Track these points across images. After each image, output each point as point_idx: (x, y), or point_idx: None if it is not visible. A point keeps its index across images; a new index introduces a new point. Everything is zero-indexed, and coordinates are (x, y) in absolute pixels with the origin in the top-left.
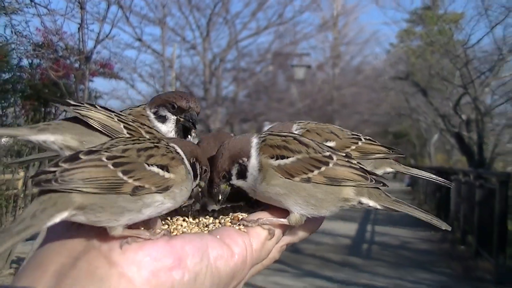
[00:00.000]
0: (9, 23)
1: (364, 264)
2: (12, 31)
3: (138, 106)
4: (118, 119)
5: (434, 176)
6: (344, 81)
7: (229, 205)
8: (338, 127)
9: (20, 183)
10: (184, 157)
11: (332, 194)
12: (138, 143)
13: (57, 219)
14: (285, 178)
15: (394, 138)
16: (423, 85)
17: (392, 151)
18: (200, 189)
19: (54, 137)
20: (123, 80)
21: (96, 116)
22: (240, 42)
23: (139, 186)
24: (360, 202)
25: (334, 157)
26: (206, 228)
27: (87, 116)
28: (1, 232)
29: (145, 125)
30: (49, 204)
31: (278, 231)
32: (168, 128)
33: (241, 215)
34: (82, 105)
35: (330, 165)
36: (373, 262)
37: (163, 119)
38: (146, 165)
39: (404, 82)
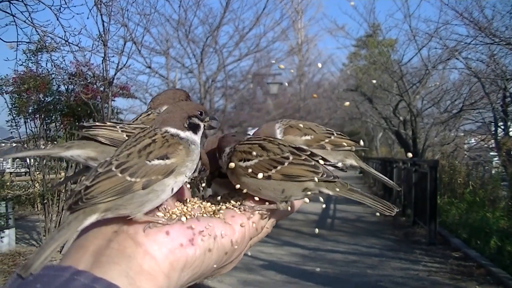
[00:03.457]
0: (50, 59)
1: (329, 234)
2: (52, 65)
3: (147, 113)
4: (121, 131)
5: (387, 179)
6: (308, 94)
7: (226, 193)
8: (315, 124)
9: None
10: (180, 134)
11: (294, 186)
12: (138, 144)
13: (88, 222)
14: (251, 177)
15: (349, 136)
16: (369, 94)
17: (358, 144)
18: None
19: (79, 152)
20: (138, 99)
21: (101, 133)
22: (226, 66)
23: (147, 180)
24: (320, 191)
25: (291, 157)
26: (212, 212)
27: (94, 135)
28: (48, 240)
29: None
30: (80, 212)
31: (269, 213)
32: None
33: (239, 201)
34: (93, 125)
35: (286, 164)
36: (336, 233)
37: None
38: (148, 162)
39: (354, 92)
